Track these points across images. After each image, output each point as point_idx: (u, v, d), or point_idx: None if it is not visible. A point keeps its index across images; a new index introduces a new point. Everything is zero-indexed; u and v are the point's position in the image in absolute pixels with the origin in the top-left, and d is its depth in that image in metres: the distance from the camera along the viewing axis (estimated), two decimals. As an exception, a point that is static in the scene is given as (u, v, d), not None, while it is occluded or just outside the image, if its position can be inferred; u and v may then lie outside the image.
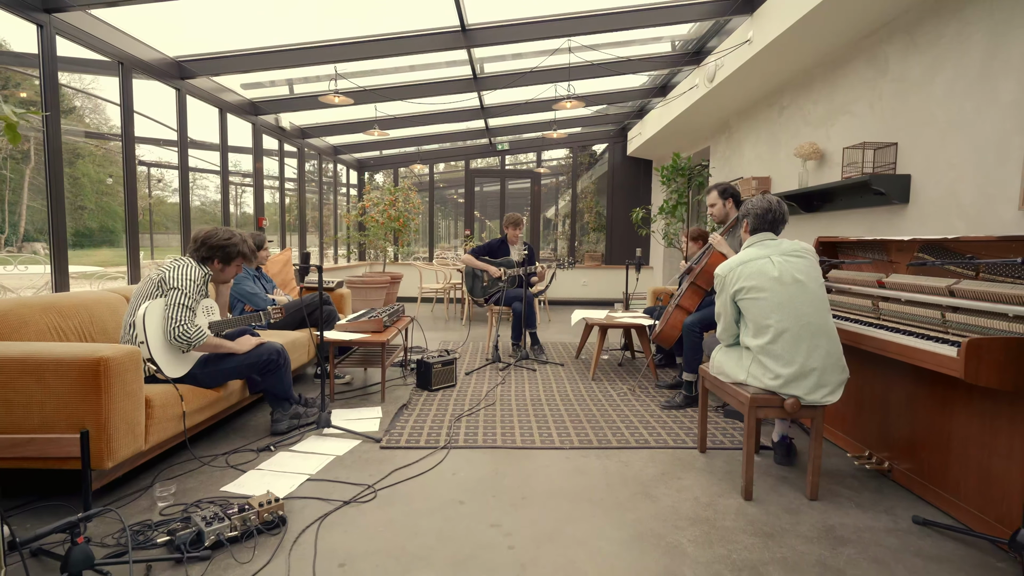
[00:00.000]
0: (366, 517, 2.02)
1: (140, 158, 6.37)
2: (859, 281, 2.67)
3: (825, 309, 2.18)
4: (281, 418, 2.82)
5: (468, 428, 2.96)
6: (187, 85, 4.29)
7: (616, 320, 4.12)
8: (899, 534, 1.96)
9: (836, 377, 2.15)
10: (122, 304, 2.87)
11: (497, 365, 4.41)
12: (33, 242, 9.74)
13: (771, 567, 1.74)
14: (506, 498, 2.18)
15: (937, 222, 3.01)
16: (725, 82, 4.75)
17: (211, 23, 4.05)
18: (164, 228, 10.94)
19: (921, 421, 2.25)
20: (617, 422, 3.09)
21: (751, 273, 2.22)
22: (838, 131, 3.91)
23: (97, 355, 1.92)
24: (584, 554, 1.80)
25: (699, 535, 1.93)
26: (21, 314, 2.26)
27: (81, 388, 1.92)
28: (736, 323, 2.34)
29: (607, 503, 2.16)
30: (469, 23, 4.20)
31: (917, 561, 1.79)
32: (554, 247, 10.33)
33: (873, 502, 2.20)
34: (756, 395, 2.18)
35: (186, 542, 1.73)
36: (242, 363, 2.62)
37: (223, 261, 2.65)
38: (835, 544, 1.89)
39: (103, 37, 3.38)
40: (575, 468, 2.48)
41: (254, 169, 5.54)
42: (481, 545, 1.84)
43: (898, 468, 2.37)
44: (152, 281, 2.44)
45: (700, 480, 2.38)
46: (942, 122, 2.98)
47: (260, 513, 1.87)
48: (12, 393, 1.90)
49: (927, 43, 3.10)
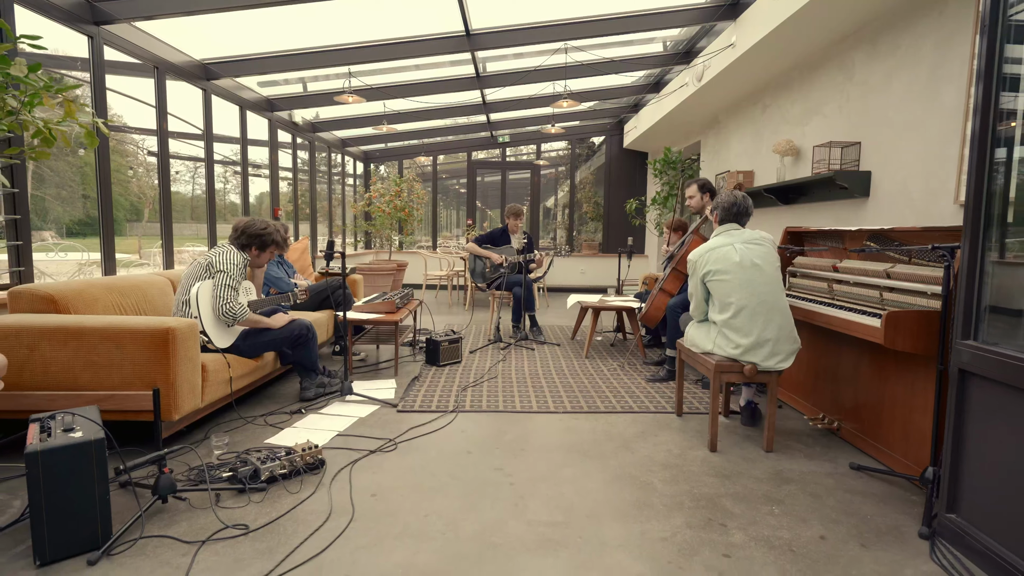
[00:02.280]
0: (389, 463, 2.40)
1: (149, 149, 6.71)
2: (818, 266, 3.04)
3: (779, 289, 2.55)
4: (309, 386, 3.20)
5: (474, 396, 3.35)
6: (212, 85, 4.63)
7: (607, 303, 4.50)
8: (836, 476, 2.35)
9: (788, 347, 2.52)
10: (167, 285, 3.24)
11: (499, 345, 4.79)
12: (40, 231, 10.10)
13: (725, 499, 2.13)
14: (507, 449, 2.57)
15: (892, 214, 3.37)
16: (712, 82, 5.08)
17: (233, 28, 4.38)
18: (174, 218, 11.30)
19: (863, 386, 2.63)
20: (606, 392, 3.47)
21: (717, 258, 2.59)
22: (812, 129, 4.26)
23: (166, 326, 2.30)
24: (572, 489, 2.19)
25: (668, 476, 2.31)
26: (93, 293, 2.64)
27: (153, 353, 2.30)
28: (705, 301, 2.72)
29: (593, 454, 2.54)
30: (473, 28, 4.53)
31: (846, 495, 2.18)
32: (554, 236, 10.68)
33: (820, 454, 2.59)
34: (720, 362, 2.55)
35: (246, 476, 2.12)
36: (277, 336, 2.99)
37: (259, 248, 3.02)
38: (780, 483, 2.27)
39: (142, 44, 3.72)
40: (567, 428, 2.87)
41: (270, 162, 5.88)
42: (486, 483, 2.23)
43: (845, 427, 2.76)
44: (201, 265, 2.81)
45: (674, 437, 2.76)
46: (897, 124, 3.33)
47: (303, 456, 2.26)
48: (96, 356, 2.28)
49: (887, 52, 3.44)
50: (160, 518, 1.90)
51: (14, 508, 1.95)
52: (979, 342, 1.74)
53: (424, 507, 2.02)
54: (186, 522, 1.88)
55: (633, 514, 1.99)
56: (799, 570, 1.67)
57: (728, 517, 1.98)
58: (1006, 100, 1.70)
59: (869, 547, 1.81)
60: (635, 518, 1.97)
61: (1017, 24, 1.67)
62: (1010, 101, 1.69)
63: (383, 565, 1.66)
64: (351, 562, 1.67)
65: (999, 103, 1.71)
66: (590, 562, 1.70)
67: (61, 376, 2.29)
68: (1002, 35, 1.69)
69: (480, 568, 1.66)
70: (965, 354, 1.77)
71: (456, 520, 1.93)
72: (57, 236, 8.92)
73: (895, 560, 1.74)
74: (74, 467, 1.62)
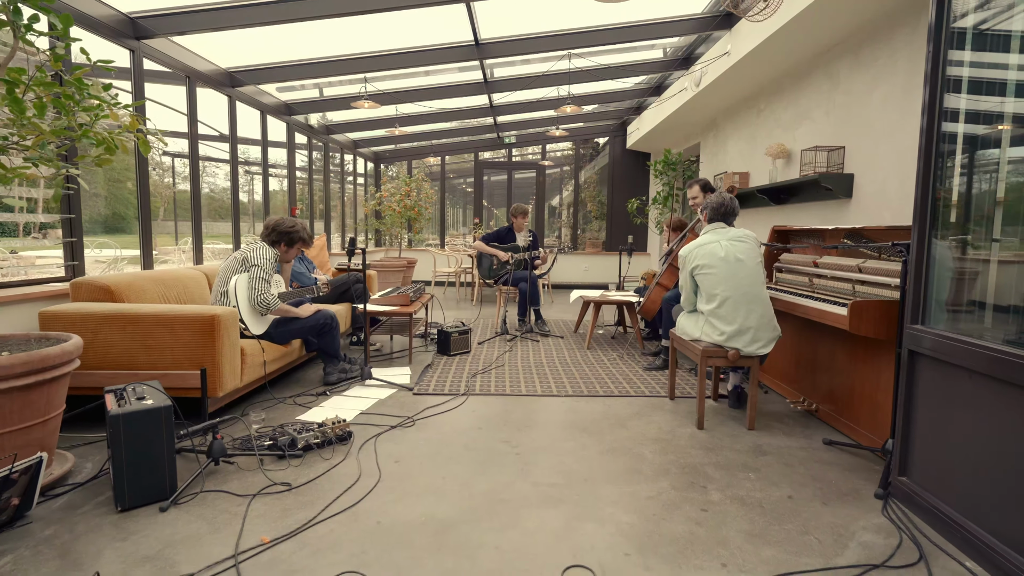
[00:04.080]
0: (409, 436, 2.69)
1: (164, 149, 7.02)
2: (800, 262, 3.30)
3: (760, 282, 2.82)
4: (332, 371, 3.49)
5: (483, 381, 3.63)
6: (236, 92, 4.93)
7: (608, 298, 4.77)
8: (809, 450, 2.61)
9: (768, 334, 2.79)
10: (202, 279, 3.54)
11: (505, 337, 5.07)
12: (56, 228, 10.47)
13: (708, 467, 2.40)
14: (514, 426, 2.85)
15: (872, 214, 3.62)
16: (710, 87, 5.33)
17: (257, 39, 4.66)
18: (184, 217, 11.65)
19: (838, 372, 2.89)
20: (605, 379, 3.75)
21: (705, 254, 2.86)
22: (802, 134, 4.51)
23: (212, 313, 2.60)
24: (571, 458, 2.47)
25: (658, 448, 2.59)
26: (142, 285, 2.94)
27: (200, 337, 2.59)
28: (694, 293, 2.99)
29: (591, 430, 2.82)
30: (482, 38, 4.80)
31: (816, 465, 2.45)
32: (559, 235, 10.95)
33: (797, 432, 2.85)
34: (707, 348, 2.82)
35: (285, 444, 2.41)
36: (304, 325, 3.29)
37: (288, 244, 3.32)
38: (758, 455, 2.54)
39: (176, 56, 4.02)
40: (568, 408, 3.15)
41: (288, 162, 6.18)
42: (495, 452, 2.51)
43: (822, 408, 3.02)
44: (237, 260, 3.10)
45: (666, 417, 3.03)
46: (877, 130, 3.58)
47: (333, 429, 2.54)
48: (151, 340, 2.58)
49: (868, 62, 3.69)
50: (214, 478, 2.19)
51: (87, 469, 2.25)
52: (925, 326, 2.01)
53: (441, 471, 2.31)
54: (236, 480, 2.17)
55: (625, 478, 2.27)
56: (765, 521, 1.95)
57: (708, 481, 2.26)
58: (950, 100, 1.96)
59: (829, 504, 2.08)
60: (626, 481, 2.24)
61: (959, 31, 1.93)
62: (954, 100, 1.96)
63: (408, 514, 1.95)
64: (381, 512, 1.96)
65: (943, 103, 1.97)
66: (585, 514, 1.98)
67: (121, 357, 2.59)
68: (945, 42, 1.95)
69: (491, 518, 1.94)
70: (914, 337, 2.03)
71: (469, 482, 2.22)
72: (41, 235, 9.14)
73: (850, 515, 2.01)
74: (148, 428, 1.91)
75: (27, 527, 1.81)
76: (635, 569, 1.65)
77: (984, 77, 1.93)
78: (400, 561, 1.67)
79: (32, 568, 1.60)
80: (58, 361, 1.99)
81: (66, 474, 2.15)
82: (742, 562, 1.70)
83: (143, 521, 1.87)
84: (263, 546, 1.73)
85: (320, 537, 1.79)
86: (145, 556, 1.67)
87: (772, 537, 1.85)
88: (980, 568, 1.69)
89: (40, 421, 1.98)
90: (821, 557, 1.73)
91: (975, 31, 1.92)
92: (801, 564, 1.70)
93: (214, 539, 1.77)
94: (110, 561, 1.64)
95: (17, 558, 1.65)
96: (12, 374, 1.83)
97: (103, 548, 1.71)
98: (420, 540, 1.79)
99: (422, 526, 1.87)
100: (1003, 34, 1.86)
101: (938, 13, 1.98)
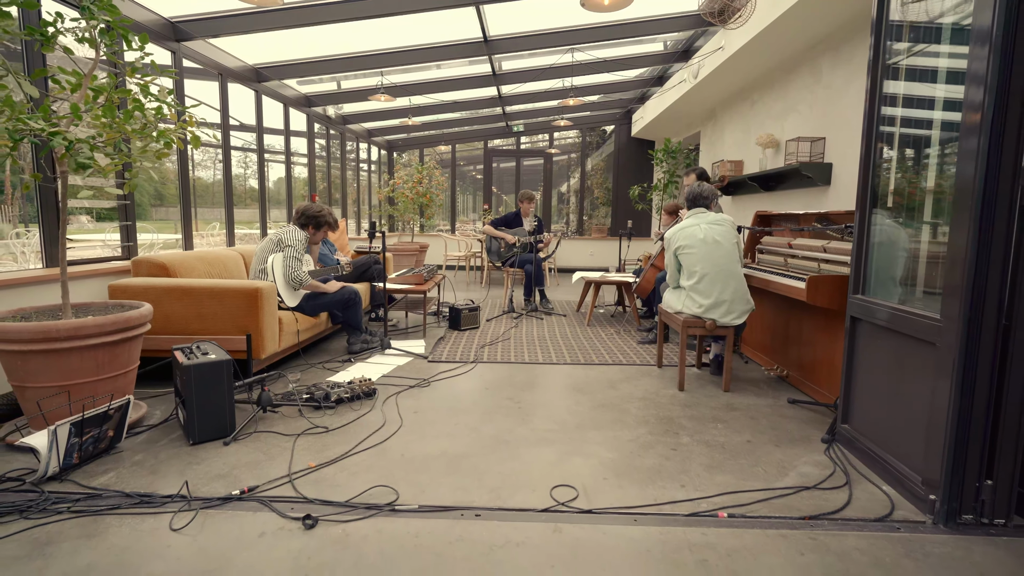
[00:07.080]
0: (425, 394, 3.10)
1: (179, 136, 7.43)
2: (778, 244, 3.64)
3: (735, 261, 3.17)
4: (355, 342, 3.91)
5: (490, 352, 4.03)
6: (262, 87, 5.30)
7: (607, 279, 5.13)
8: (775, 407, 2.99)
9: (741, 307, 3.15)
10: (239, 259, 3.96)
11: (512, 315, 5.46)
12: (77, 215, 10.91)
13: (682, 419, 2.78)
14: (517, 387, 3.25)
15: (847, 200, 3.94)
16: (707, 79, 5.62)
17: (281, 37, 5.03)
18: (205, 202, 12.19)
19: (805, 340, 3.25)
20: (602, 351, 4.13)
21: (686, 236, 3.22)
22: (789, 124, 4.81)
23: (255, 287, 3.01)
24: (565, 411, 2.86)
25: (641, 405, 2.98)
26: (191, 263, 3.36)
27: (246, 307, 3.00)
28: (677, 271, 3.35)
29: (585, 390, 3.21)
30: (491, 35, 5.13)
31: (778, 418, 2.82)
32: (566, 220, 11.28)
33: (768, 393, 3.22)
34: (687, 319, 3.19)
35: (320, 398, 2.82)
36: (332, 299, 3.70)
37: (315, 227, 3.72)
38: (728, 410, 2.92)
39: (209, 56, 4.40)
40: (566, 374, 3.54)
41: (308, 151, 6.57)
42: (500, 406, 2.91)
43: (792, 374, 3.38)
44: (273, 241, 3.51)
45: (652, 382, 3.41)
46: (854, 123, 3.89)
47: (360, 386, 2.96)
48: (204, 309, 3.00)
49: (847, 59, 3.98)
50: (263, 422, 2.61)
51: (156, 415, 2.68)
52: (864, 296, 2.36)
53: (454, 420, 2.71)
54: (282, 424, 2.60)
55: (609, 426, 2.66)
56: (723, 457, 2.33)
57: (681, 429, 2.64)
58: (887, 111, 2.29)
59: (781, 446, 2.46)
60: (611, 428, 2.64)
61: (893, 66, 2.26)
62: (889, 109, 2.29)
63: (427, 449, 2.36)
64: (405, 448, 2.37)
65: (881, 113, 2.30)
66: (574, 451, 2.37)
67: (178, 324, 3.01)
68: (881, 74, 2.27)
69: (496, 452, 2.34)
70: (854, 305, 2.39)
71: (477, 427, 2.62)
72: (93, 220, 9.54)
73: (796, 454, 2.39)
74: (212, 377, 2.33)
75: (120, 454, 2.25)
76: (611, 488, 2.05)
77: (918, 66, 2.23)
78: (422, 481, 2.08)
79: (133, 480, 2.03)
80: (138, 323, 2.41)
81: (142, 418, 2.59)
82: (698, 484, 2.09)
83: (211, 451, 2.29)
84: (310, 469, 2.15)
85: (355, 463, 2.21)
86: (218, 474, 2.09)
87: (727, 468, 2.23)
88: (893, 491, 2.06)
89: (123, 372, 2.41)
90: (764, 482, 2.12)
91: (910, 25, 2.22)
92: (746, 486, 2.08)
93: (270, 464, 2.19)
94: (191, 477, 2.06)
95: (119, 474, 2.08)
96: (106, 331, 2.25)
97: (183, 468, 2.13)
98: (437, 467, 2.20)
99: (438, 457, 2.28)
100: (935, 27, 2.13)
101: (879, 9, 2.28)
